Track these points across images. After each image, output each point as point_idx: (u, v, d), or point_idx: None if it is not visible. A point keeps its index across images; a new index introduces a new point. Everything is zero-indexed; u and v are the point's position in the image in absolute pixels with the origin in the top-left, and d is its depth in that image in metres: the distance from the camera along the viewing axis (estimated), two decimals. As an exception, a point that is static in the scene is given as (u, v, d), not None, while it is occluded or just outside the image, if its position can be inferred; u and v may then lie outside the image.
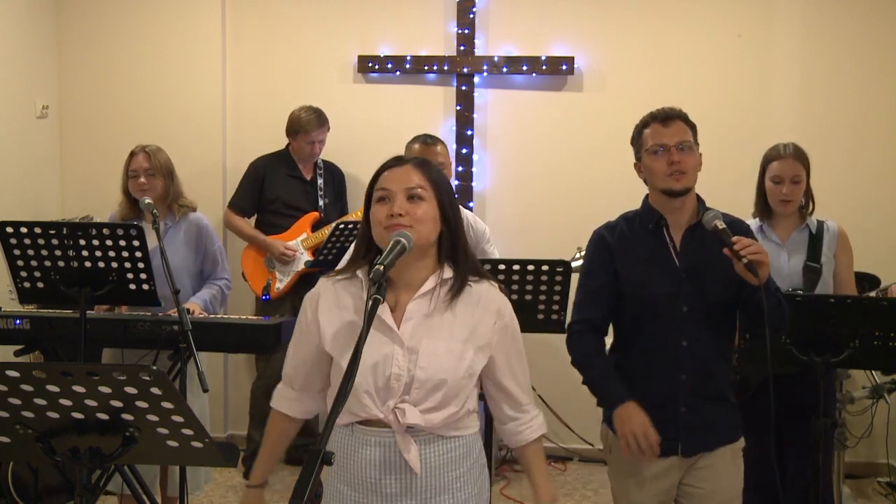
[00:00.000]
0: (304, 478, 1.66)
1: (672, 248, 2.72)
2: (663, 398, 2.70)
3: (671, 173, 2.67)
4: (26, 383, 1.90)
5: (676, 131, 2.70)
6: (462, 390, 2.08)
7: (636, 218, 2.80)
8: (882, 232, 5.17)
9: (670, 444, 2.69)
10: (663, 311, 2.69)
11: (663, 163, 2.68)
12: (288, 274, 5.04)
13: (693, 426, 2.69)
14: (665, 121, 2.73)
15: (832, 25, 5.28)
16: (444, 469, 2.09)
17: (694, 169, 2.70)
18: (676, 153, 2.67)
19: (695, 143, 2.74)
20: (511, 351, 2.19)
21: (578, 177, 5.42)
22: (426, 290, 2.10)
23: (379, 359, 2.05)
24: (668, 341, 2.69)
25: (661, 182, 2.70)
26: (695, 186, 2.74)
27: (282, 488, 4.87)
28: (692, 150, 2.70)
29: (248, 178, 5.17)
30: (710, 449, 2.71)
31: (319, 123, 5.07)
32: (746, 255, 2.46)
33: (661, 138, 2.70)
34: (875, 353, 3.06)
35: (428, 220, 2.07)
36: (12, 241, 3.31)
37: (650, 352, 2.73)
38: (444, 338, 2.07)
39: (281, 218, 5.11)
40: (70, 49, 5.60)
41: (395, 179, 2.10)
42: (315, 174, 5.20)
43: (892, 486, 4.90)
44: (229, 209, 5.19)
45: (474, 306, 2.12)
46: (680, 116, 2.75)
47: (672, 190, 2.68)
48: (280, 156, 5.20)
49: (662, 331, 2.70)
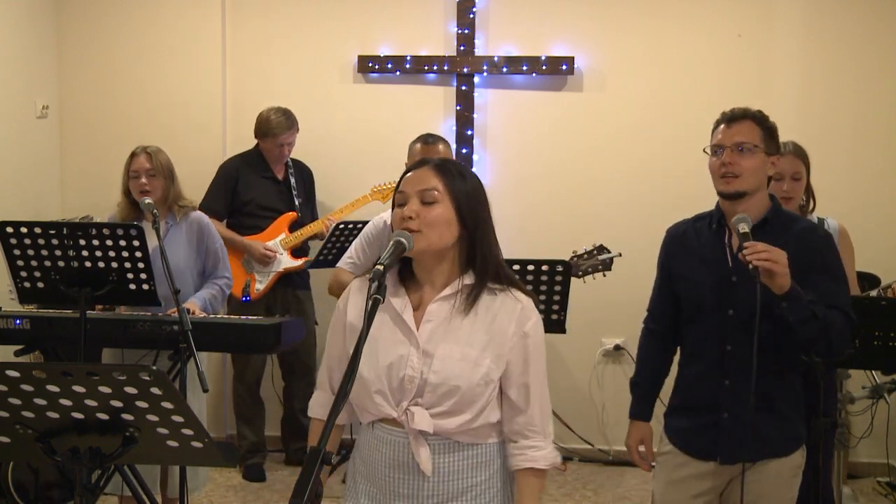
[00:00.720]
0: (304, 478, 1.66)
1: (729, 250, 2.67)
2: (706, 402, 2.68)
3: (722, 175, 2.64)
4: (26, 383, 1.90)
5: (739, 132, 2.65)
6: (478, 398, 2.03)
7: (707, 217, 2.77)
8: (882, 232, 5.17)
9: (709, 450, 2.67)
10: (710, 312, 2.67)
11: (717, 164, 2.66)
12: (268, 275, 5.00)
13: (734, 434, 2.62)
14: (731, 121, 2.68)
15: (832, 25, 5.28)
16: (459, 476, 2.06)
17: (752, 172, 2.62)
18: (730, 155, 2.62)
19: (765, 145, 2.65)
20: (527, 362, 2.08)
21: (578, 177, 5.42)
22: (447, 294, 2.08)
23: (394, 359, 2.04)
24: (714, 344, 2.66)
25: (715, 183, 2.68)
26: (759, 189, 2.65)
27: (282, 488, 4.87)
28: (753, 153, 2.62)
29: (220, 181, 5.08)
30: (753, 460, 2.60)
31: (288, 126, 5.02)
32: (752, 261, 2.42)
33: (721, 138, 2.67)
34: (875, 353, 3.06)
35: (440, 223, 2.03)
36: (12, 241, 3.31)
37: (697, 353, 2.72)
38: (460, 343, 2.04)
39: (256, 219, 5.05)
40: (70, 49, 5.60)
41: (412, 182, 2.08)
42: (287, 174, 5.16)
43: (892, 486, 4.90)
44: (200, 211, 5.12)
45: (496, 313, 2.06)
46: (750, 116, 2.69)
47: (722, 192, 2.66)
48: (250, 156, 5.14)
49: (709, 333, 2.67)
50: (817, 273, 2.57)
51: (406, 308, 2.08)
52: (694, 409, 2.71)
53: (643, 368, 2.90)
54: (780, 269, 2.42)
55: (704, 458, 2.67)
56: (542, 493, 2.14)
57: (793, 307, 2.47)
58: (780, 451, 2.64)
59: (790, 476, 2.66)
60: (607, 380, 5.44)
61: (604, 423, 5.42)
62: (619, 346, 5.39)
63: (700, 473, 2.69)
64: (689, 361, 2.77)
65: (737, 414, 2.62)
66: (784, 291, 2.45)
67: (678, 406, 2.80)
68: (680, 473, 2.72)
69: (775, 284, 2.44)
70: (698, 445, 2.70)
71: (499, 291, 2.09)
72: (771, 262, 2.41)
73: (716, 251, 2.69)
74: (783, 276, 2.43)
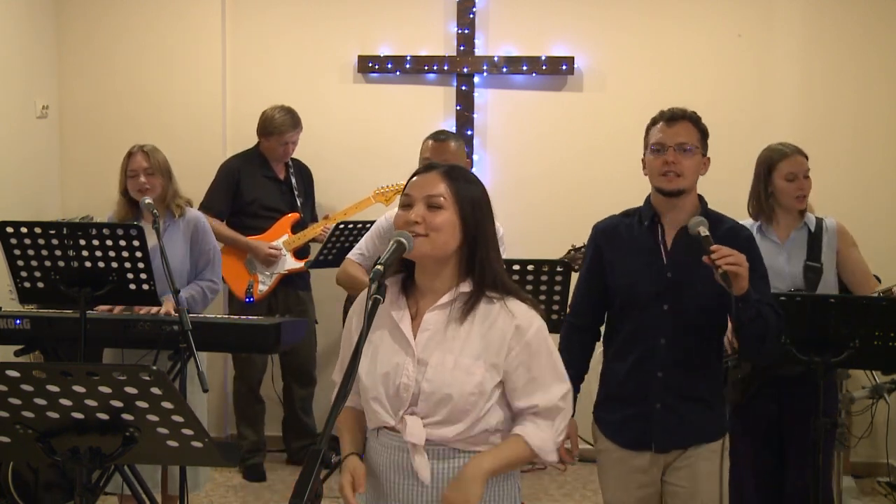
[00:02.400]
0: (304, 478, 1.66)
1: (662, 246, 2.75)
2: (638, 393, 2.74)
3: (664, 173, 2.71)
4: (26, 383, 1.90)
5: (679, 132, 2.72)
6: (473, 407, 2.02)
7: (636, 213, 2.84)
8: (882, 231, 5.17)
9: (644, 440, 2.74)
10: (645, 307, 2.73)
11: (659, 162, 2.72)
12: (271, 276, 4.99)
13: (666, 423, 2.71)
14: (671, 121, 2.75)
15: (832, 25, 5.28)
16: None
17: (692, 171, 2.72)
18: (673, 154, 2.70)
19: (702, 146, 2.75)
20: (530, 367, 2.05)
21: (578, 177, 5.42)
22: (443, 303, 2.08)
23: (390, 368, 2.05)
24: (647, 338, 2.73)
25: (655, 180, 2.76)
26: (693, 188, 2.75)
27: (282, 488, 4.88)
28: (693, 153, 2.71)
29: (221, 180, 5.04)
30: (684, 447, 2.71)
31: (293, 124, 5.01)
32: (722, 266, 2.47)
33: (662, 137, 2.74)
34: (875, 353, 3.06)
35: (445, 229, 2.04)
36: (12, 241, 3.31)
37: (630, 346, 2.77)
38: (454, 352, 2.04)
39: (258, 220, 5.02)
40: (70, 49, 5.60)
41: (419, 186, 2.09)
42: (287, 173, 5.15)
43: (892, 486, 4.90)
44: (202, 212, 5.11)
45: (493, 322, 2.06)
46: (689, 118, 2.76)
47: (663, 190, 2.73)
48: (252, 156, 5.12)
49: (642, 326, 2.74)
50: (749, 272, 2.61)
51: (404, 318, 2.09)
52: (624, 401, 2.78)
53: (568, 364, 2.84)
54: (744, 272, 2.49)
55: (639, 449, 2.74)
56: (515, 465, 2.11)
57: (745, 307, 2.54)
58: (708, 437, 2.72)
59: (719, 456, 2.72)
60: (607, 380, 5.43)
61: (604, 423, 5.41)
62: (619, 346, 5.38)
63: (640, 466, 2.75)
64: (619, 354, 2.80)
65: (668, 404, 2.71)
66: (743, 292, 2.51)
67: (606, 398, 2.85)
68: (621, 469, 2.79)
69: (738, 287, 2.49)
70: (632, 436, 2.76)
71: (497, 300, 2.08)
72: (737, 265, 2.47)
73: (649, 247, 2.76)
74: (745, 278, 2.50)
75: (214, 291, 3.88)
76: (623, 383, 2.78)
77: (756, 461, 3.47)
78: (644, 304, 2.73)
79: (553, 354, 2.11)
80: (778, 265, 3.42)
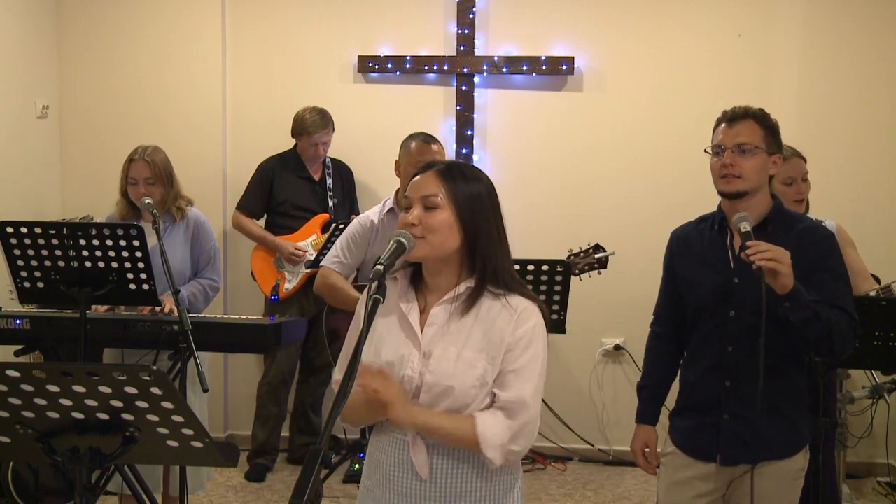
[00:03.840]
0: (304, 477, 1.66)
1: (730, 250, 2.66)
2: (707, 403, 2.67)
3: (722, 175, 2.64)
4: (26, 383, 1.90)
5: (740, 132, 2.64)
6: (474, 400, 2.03)
7: (710, 219, 2.77)
8: (882, 231, 5.17)
9: (710, 450, 2.66)
10: (711, 313, 2.67)
11: (718, 164, 2.65)
12: (297, 275, 5.04)
13: (734, 435, 2.62)
14: (732, 120, 2.67)
15: (832, 25, 5.28)
16: (459, 479, 2.06)
17: (753, 172, 2.61)
18: (731, 155, 2.62)
19: (766, 145, 2.64)
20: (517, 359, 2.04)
21: (578, 177, 5.42)
22: (448, 298, 2.09)
23: (395, 359, 2.07)
24: (715, 345, 2.66)
25: (716, 183, 2.68)
26: (759, 189, 2.64)
27: (282, 488, 4.87)
28: (753, 153, 2.62)
29: (256, 180, 5.16)
30: (753, 462, 2.57)
31: (323, 125, 5.07)
32: (756, 261, 2.39)
33: (722, 138, 2.66)
34: (875, 353, 3.06)
35: (443, 229, 2.04)
36: (12, 241, 3.30)
37: (699, 354, 2.72)
38: (457, 345, 2.05)
39: (290, 219, 5.11)
40: (70, 49, 5.60)
41: (416, 187, 2.10)
42: (324, 174, 5.20)
43: (891, 486, 4.90)
44: (238, 211, 5.19)
45: (495, 317, 2.06)
46: (752, 116, 2.67)
47: (723, 192, 2.66)
48: (288, 156, 5.19)
49: (710, 334, 2.67)
50: (819, 272, 2.56)
51: (412, 311, 2.10)
52: (695, 410, 2.72)
53: (649, 372, 2.91)
54: (783, 268, 2.39)
55: (705, 459, 2.67)
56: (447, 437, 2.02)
57: (795, 307, 2.45)
58: (781, 452, 2.62)
59: (792, 479, 2.65)
60: (607, 380, 5.44)
61: (604, 423, 5.42)
62: (619, 346, 5.39)
63: (702, 475, 2.68)
64: (691, 363, 2.77)
65: (737, 415, 2.61)
66: (787, 291, 2.42)
67: (681, 407, 2.80)
68: (682, 475, 2.72)
69: (778, 284, 2.41)
70: (699, 446, 2.69)
71: (500, 296, 2.09)
72: (774, 261, 2.39)
73: (717, 252, 2.69)
74: (786, 275, 2.40)
75: (215, 290, 3.89)
76: (693, 392, 2.73)
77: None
78: (711, 311, 2.66)
79: (541, 356, 2.07)
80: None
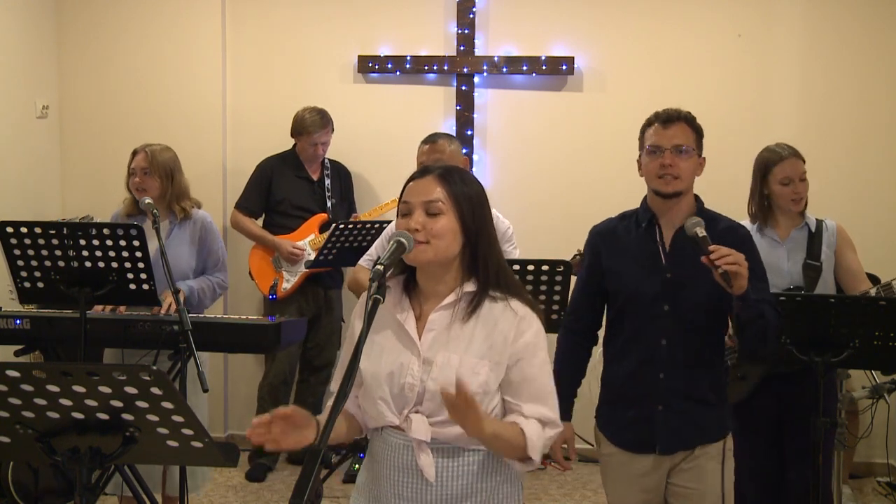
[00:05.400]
0: (304, 477, 1.66)
1: (661, 247, 2.74)
2: (641, 396, 2.73)
3: (661, 175, 2.71)
4: (26, 383, 1.90)
5: (676, 134, 2.72)
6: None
7: (633, 216, 2.83)
8: (882, 231, 5.17)
9: (648, 442, 2.72)
10: (645, 308, 2.72)
11: (656, 164, 2.72)
12: (295, 274, 5.04)
13: (670, 425, 2.70)
14: (666, 122, 2.74)
15: (832, 25, 5.28)
16: (463, 480, 2.06)
17: (689, 173, 2.72)
18: (670, 156, 2.69)
19: (698, 147, 2.75)
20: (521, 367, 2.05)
21: (578, 177, 5.43)
22: (448, 303, 2.08)
23: (395, 368, 2.06)
24: (648, 339, 2.72)
25: (652, 183, 2.75)
26: (690, 189, 2.75)
27: (282, 488, 4.88)
28: (689, 154, 2.71)
29: (255, 179, 5.17)
30: (689, 448, 2.70)
31: (322, 125, 5.07)
32: (722, 265, 2.47)
33: (658, 139, 2.73)
34: (875, 353, 3.06)
35: (446, 234, 2.04)
36: (12, 241, 3.30)
37: (630, 348, 2.76)
38: (459, 351, 2.04)
39: (289, 219, 5.11)
40: (70, 49, 5.60)
41: (416, 192, 2.08)
42: (322, 174, 5.20)
43: (891, 486, 4.90)
44: (236, 210, 5.19)
45: (496, 322, 2.06)
46: (684, 119, 2.75)
47: (661, 192, 2.73)
48: (287, 156, 5.19)
49: (643, 328, 2.73)
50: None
51: (409, 318, 2.09)
52: (627, 403, 2.76)
53: (564, 369, 2.86)
54: (743, 271, 2.48)
55: (644, 452, 2.73)
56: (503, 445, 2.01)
57: (745, 306, 2.54)
58: (712, 437, 2.71)
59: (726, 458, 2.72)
60: (607, 380, 5.43)
61: (604, 423, 5.41)
62: (619, 346, 5.39)
63: (644, 469, 2.74)
64: (620, 356, 2.79)
65: (670, 405, 2.69)
66: (742, 292, 2.50)
67: (610, 401, 2.84)
68: (626, 472, 2.77)
69: (737, 286, 2.48)
70: (635, 439, 2.75)
71: (500, 300, 2.08)
72: (737, 265, 2.47)
73: (648, 248, 2.75)
74: (745, 277, 2.49)
75: (223, 289, 3.93)
76: (624, 385, 2.78)
77: (756, 461, 3.47)
78: (644, 306, 2.72)
79: (548, 361, 2.11)
80: (778, 263, 3.43)
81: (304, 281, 5.04)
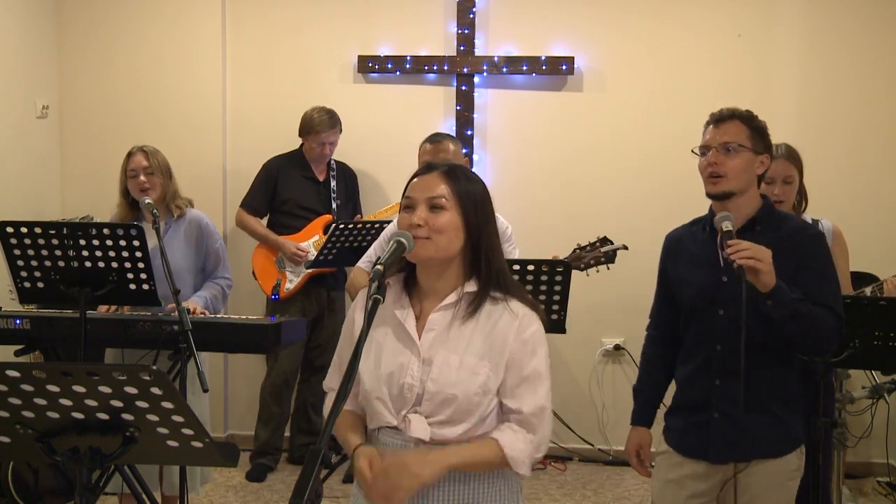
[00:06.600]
0: (304, 477, 1.66)
1: (720, 250, 2.64)
2: (698, 401, 2.68)
3: (708, 175, 2.64)
4: (26, 383, 1.90)
5: (725, 132, 2.64)
6: (477, 407, 2.01)
7: (702, 220, 2.77)
8: (881, 231, 5.18)
9: (701, 449, 2.66)
10: (701, 312, 2.68)
11: (704, 164, 2.66)
12: (298, 274, 5.04)
13: (724, 434, 2.61)
14: (718, 121, 2.67)
15: (832, 25, 5.28)
16: (461, 484, 2.04)
17: (737, 171, 2.61)
18: (715, 154, 2.62)
19: (753, 145, 2.63)
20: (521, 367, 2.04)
21: (578, 177, 5.43)
22: (448, 303, 2.07)
23: (395, 368, 2.05)
24: (705, 344, 2.67)
25: (704, 184, 2.68)
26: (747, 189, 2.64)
27: (282, 488, 4.88)
28: (738, 152, 2.61)
29: (260, 179, 5.17)
30: (745, 460, 2.59)
31: (331, 125, 5.06)
32: (736, 259, 2.41)
33: (708, 139, 2.67)
34: (875, 353, 3.06)
35: (448, 230, 2.03)
36: (12, 241, 3.31)
37: (691, 353, 2.73)
38: (459, 351, 2.03)
39: (293, 219, 5.11)
40: (70, 49, 5.60)
41: (420, 188, 2.08)
42: (328, 175, 5.20)
43: (891, 486, 4.91)
44: (242, 209, 5.19)
45: (495, 322, 2.05)
46: (738, 116, 2.67)
47: (709, 193, 2.67)
48: (293, 156, 5.19)
49: (700, 333, 2.68)
50: (805, 271, 2.56)
51: (409, 318, 2.08)
52: (687, 409, 2.73)
53: (644, 374, 2.92)
54: (764, 266, 2.41)
55: (697, 458, 2.68)
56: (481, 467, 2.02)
57: (777, 305, 2.45)
58: (771, 451, 2.61)
59: (785, 479, 2.64)
60: (607, 380, 5.44)
61: (604, 423, 5.42)
62: (619, 346, 5.39)
63: (695, 474, 2.68)
64: (684, 362, 2.78)
65: (727, 413, 2.61)
66: (769, 289, 2.44)
67: (675, 406, 2.82)
68: (675, 473, 2.73)
69: (760, 282, 2.43)
70: (690, 444, 2.70)
71: (500, 300, 2.08)
72: (755, 260, 2.41)
73: (707, 252, 2.69)
74: (767, 273, 2.42)
75: (230, 288, 3.96)
76: (685, 391, 2.74)
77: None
78: (701, 310, 2.67)
79: (545, 361, 2.08)
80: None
81: (307, 281, 5.04)
